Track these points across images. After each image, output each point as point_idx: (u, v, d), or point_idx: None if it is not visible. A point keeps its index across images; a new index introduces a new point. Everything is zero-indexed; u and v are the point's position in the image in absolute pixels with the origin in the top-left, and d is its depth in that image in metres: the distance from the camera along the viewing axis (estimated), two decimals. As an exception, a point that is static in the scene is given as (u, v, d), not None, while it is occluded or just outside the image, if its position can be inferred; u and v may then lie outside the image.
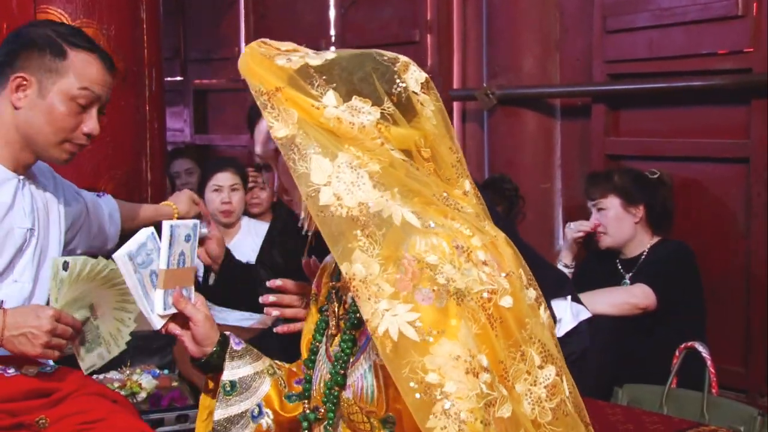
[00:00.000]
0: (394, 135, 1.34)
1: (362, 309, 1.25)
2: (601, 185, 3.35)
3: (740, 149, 3.42)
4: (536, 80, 4.12)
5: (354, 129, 1.32)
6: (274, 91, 1.35)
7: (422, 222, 1.28)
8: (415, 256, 1.25)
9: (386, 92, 1.35)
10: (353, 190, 1.29)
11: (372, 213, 1.28)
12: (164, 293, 1.52)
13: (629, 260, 3.33)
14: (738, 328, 3.44)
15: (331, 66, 1.36)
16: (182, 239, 1.54)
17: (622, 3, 3.79)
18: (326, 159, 1.30)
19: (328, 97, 1.33)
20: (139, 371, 2.94)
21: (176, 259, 1.53)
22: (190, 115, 6.30)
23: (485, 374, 1.22)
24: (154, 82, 3.24)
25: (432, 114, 1.39)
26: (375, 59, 1.38)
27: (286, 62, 1.37)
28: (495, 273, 1.29)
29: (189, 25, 6.25)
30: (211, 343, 1.54)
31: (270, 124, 1.34)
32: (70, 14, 3.01)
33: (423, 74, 1.41)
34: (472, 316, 1.24)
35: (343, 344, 1.40)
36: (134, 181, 3.19)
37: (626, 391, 2.85)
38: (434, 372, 1.20)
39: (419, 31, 4.67)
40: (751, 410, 2.59)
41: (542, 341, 1.30)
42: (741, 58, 3.39)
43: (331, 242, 1.28)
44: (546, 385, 1.29)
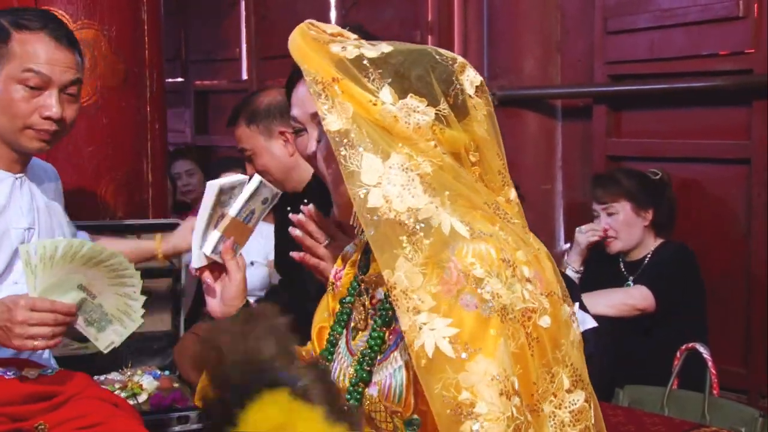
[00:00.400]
0: (446, 137, 1.31)
1: (401, 320, 1.22)
2: (611, 189, 3.31)
3: (741, 150, 3.42)
4: (537, 81, 4.12)
5: (409, 128, 1.29)
6: (331, 82, 1.30)
7: (471, 231, 1.25)
8: (461, 264, 1.22)
9: (443, 92, 1.31)
10: (403, 194, 1.25)
11: (420, 219, 1.24)
12: (220, 238, 1.52)
13: (633, 263, 3.32)
14: (739, 329, 3.44)
15: (387, 59, 1.32)
16: (261, 199, 1.56)
17: (623, 4, 3.79)
18: (378, 158, 1.26)
19: (384, 93, 1.29)
20: (140, 372, 2.94)
21: (246, 213, 1.54)
22: (191, 116, 6.31)
23: (516, 398, 1.19)
24: (155, 83, 3.24)
25: (483, 118, 1.36)
26: (433, 57, 1.35)
27: (341, 50, 1.33)
28: (537, 291, 1.26)
29: (190, 26, 6.26)
30: (235, 307, 1.53)
31: (322, 115, 1.29)
32: (71, 15, 3.01)
33: (479, 77, 1.38)
34: (512, 334, 1.21)
35: (371, 341, 1.37)
36: (135, 182, 3.19)
37: (627, 393, 2.85)
38: (467, 390, 1.17)
39: (420, 32, 4.67)
40: (752, 411, 2.59)
41: (574, 365, 1.28)
42: (742, 59, 3.39)
43: (375, 246, 1.25)
44: (572, 410, 1.26)
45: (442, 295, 1.21)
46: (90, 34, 3.03)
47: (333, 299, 1.55)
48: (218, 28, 6.00)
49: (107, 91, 3.08)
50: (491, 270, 1.22)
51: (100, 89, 3.07)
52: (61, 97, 1.94)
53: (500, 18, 4.21)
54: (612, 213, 3.30)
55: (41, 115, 1.92)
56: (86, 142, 3.06)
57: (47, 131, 1.95)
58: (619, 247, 3.32)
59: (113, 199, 3.13)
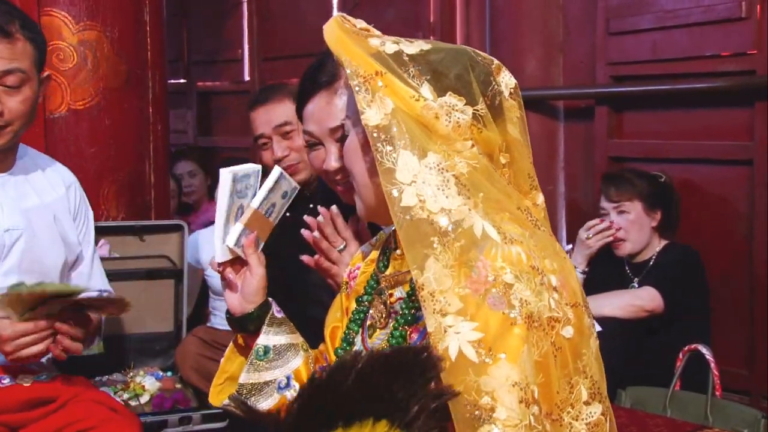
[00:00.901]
0: (483, 137, 1.31)
1: (427, 322, 1.22)
2: (624, 188, 3.30)
3: (743, 151, 3.42)
4: (539, 82, 4.11)
5: (449, 127, 1.28)
6: (374, 75, 1.28)
7: (502, 235, 1.24)
8: (491, 265, 1.21)
9: (481, 92, 1.31)
10: (437, 194, 1.24)
11: (453, 221, 1.24)
12: (242, 230, 1.48)
13: (638, 264, 3.31)
14: (741, 331, 3.43)
15: (426, 56, 1.31)
16: (281, 192, 1.53)
17: (626, 5, 3.79)
18: (414, 157, 1.25)
19: (425, 90, 1.28)
20: (142, 373, 2.95)
21: (267, 206, 1.52)
22: (194, 117, 6.31)
23: (535, 406, 1.19)
24: (158, 85, 3.25)
25: (517, 120, 1.37)
26: (472, 56, 1.34)
27: (380, 44, 1.32)
28: (563, 301, 1.26)
29: (192, 27, 6.25)
30: (254, 303, 1.51)
31: (361, 108, 1.27)
32: (73, 17, 3.01)
33: (513, 79, 1.38)
34: (536, 342, 1.21)
35: (392, 340, 1.37)
36: (137, 183, 3.19)
37: (630, 394, 2.84)
38: (488, 395, 1.17)
39: (422, 34, 4.67)
40: (755, 413, 2.59)
41: (594, 377, 1.28)
42: (744, 60, 3.38)
43: (406, 244, 1.24)
44: (588, 422, 1.26)
45: (470, 296, 1.21)
46: (92, 35, 3.04)
47: (347, 298, 1.54)
48: (220, 30, 6.00)
49: (109, 93, 3.09)
50: (521, 276, 1.22)
51: (103, 90, 3.07)
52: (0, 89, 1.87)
53: (502, 19, 4.21)
54: (623, 211, 3.29)
55: None
56: (88, 143, 3.07)
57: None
58: (628, 250, 3.30)
59: (115, 200, 3.14)
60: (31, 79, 1.93)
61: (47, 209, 2.04)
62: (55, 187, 2.10)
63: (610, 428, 1.31)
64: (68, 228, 2.09)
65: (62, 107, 3.03)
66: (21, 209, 1.97)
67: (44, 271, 2.00)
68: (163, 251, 3.15)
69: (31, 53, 1.93)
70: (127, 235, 3.09)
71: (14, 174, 2.01)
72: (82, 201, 2.17)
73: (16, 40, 1.89)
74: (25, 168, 2.05)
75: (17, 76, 1.90)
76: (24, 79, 1.91)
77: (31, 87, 1.94)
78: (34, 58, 1.94)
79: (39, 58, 1.97)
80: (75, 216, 2.13)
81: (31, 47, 1.93)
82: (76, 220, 2.13)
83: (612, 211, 3.33)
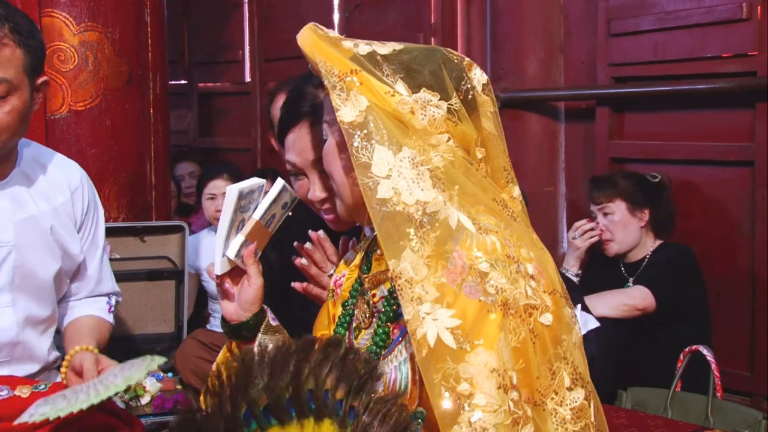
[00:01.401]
0: (458, 131, 1.33)
1: (404, 310, 1.23)
2: (607, 189, 3.35)
3: (744, 152, 3.42)
4: (540, 83, 4.11)
5: (424, 121, 1.31)
6: (348, 73, 1.32)
7: (477, 226, 1.26)
8: (466, 255, 1.23)
9: (454, 88, 1.34)
10: (413, 187, 1.27)
11: (428, 213, 1.26)
12: (243, 242, 1.50)
13: (632, 264, 3.33)
14: (743, 332, 3.43)
15: (399, 56, 1.34)
16: (281, 203, 1.55)
17: (627, 6, 3.79)
18: (389, 151, 1.28)
19: (400, 86, 1.31)
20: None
21: (268, 217, 1.53)
22: (195, 118, 6.31)
23: (514, 392, 1.20)
24: (159, 85, 3.25)
25: (491, 115, 1.39)
26: (444, 54, 1.38)
27: (353, 46, 1.35)
28: (540, 289, 1.27)
29: (193, 28, 6.25)
30: (251, 311, 1.53)
31: (336, 106, 1.30)
32: (74, 18, 3.02)
33: (485, 76, 1.41)
34: (513, 329, 1.22)
35: (376, 337, 1.38)
36: (138, 184, 3.19)
37: (630, 394, 2.84)
38: (466, 381, 1.18)
39: (423, 35, 4.67)
40: (756, 413, 2.59)
41: (575, 363, 1.29)
42: (745, 62, 3.38)
43: (382, 236, 1.26)
44: (572, 407, 1.27)
45: (447, 285, 1.22)
46: (93, 36, 3.04)
47: (333, 306, 1.55)
48: (221, 31, 6.00)
49: (110, 94, 3.09)
50: (496, 264, 1.24)
51: (104, 91, 3.08)
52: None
53: (503, 20, 4.21)
54: (608, 213, 3.33)
55: None
56: (89, 144, 3.07)
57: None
58: (615, 250, 3.33)
59: (116, 201, 3.14)
60: (18, 88, 1.79)
61: (43, 219, 1.96)
62: (58, 193, 2.01)
63: (596, 411, 1.32)
64: (68, 237, 2.01)
65: (63, 108, 3.03)
66: (12, 222, 1.90)
67: (38, 285, 1.95)
68: (164, 252, 3.15)
69: (21, 59, 1.79)
70: (128, 236, 3.10)
71: (9, 184, 1.92)
72: (90, 203, 2.08)
73: (3, 46, 1.76)
74: (25, 174, 1.96)
75: (1, 86, 1.77)
76: (10, 88, 1.78)
77: (19, 96, 1.80)
78: (25, 65, 1.81)
79: (32, 63, 1.83)
80: (81, 221, 2.05)
81: (22, 52, 1.80)
82: (83, 226, 2.06)
83: (598, 213, 3.37)
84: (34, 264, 1.93)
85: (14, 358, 1.94)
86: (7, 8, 1.81)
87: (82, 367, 1.78)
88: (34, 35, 1.84)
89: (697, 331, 3.10)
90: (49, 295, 2.00)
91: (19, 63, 1.79)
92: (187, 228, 3.23)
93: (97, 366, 1.79)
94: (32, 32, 1.83)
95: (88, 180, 2.10)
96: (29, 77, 1.83)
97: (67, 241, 2.00)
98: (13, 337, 1.92)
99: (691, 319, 3.15)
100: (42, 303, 1.98)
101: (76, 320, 2.08)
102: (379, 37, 1.41)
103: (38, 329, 1.99)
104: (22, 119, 1.83)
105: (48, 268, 1.96)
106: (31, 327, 1.96)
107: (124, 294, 2.39)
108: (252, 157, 5.54)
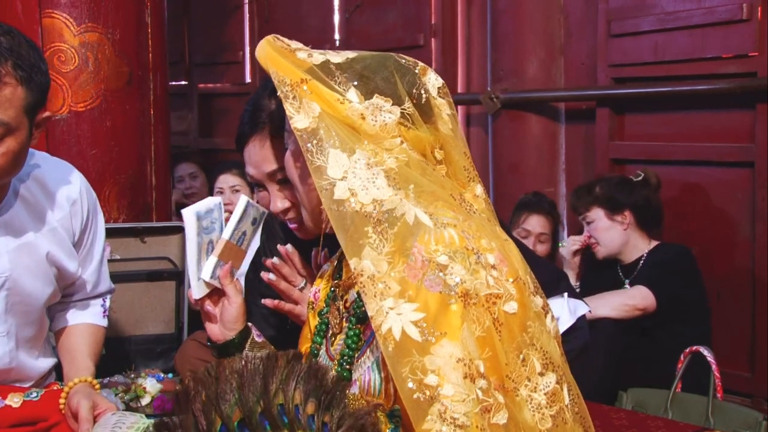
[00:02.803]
0: (412, 136, 1.35)
1: (368, 306, 1.25)
2: (584, 198, 3.42)
3: (745, 153, 3.42)
4: (540, 84, 4.12)
5: (376, 126, 1.33)
6: (299, 83, 1.35)
7: (434, 221, 1.28)
8: (425, 250, 1.25)
9: (407, 93, 1.36)
10: (368, 186, 1.29)
11: (385, 210, 1.28)
12: (216, 263, 1.52)
13: (628, 265, 3.35)
14: (743, 333, 3.43)
15: (352, 64, 1.38)
16: (250, 220, 1.56)
17: (627, 7, 3.79)
18: (344, 154, 1.31)
19: (351, 94, 1.34)
20: (143, 375, 2.94)
21: (238, 235, 1.54)
22: (195, 118, 6.31)
23: (481, 380, 1.22)
24: (159, 86, 3.25)
25: (448, 118, 1.41)
26: (396, 60, 1.41)
27: (307, 57, 1.39)
28: (502, 278, 1.29)
29: (194, 29, 6.26)
30: (235, 329, 1.56)
31: (290, 114, 1.34)
32: (75, 19, 3.01)
33: (440, 80, 1.43)
34: (476, 319, 1.24)
35: (348, 340, 1.40)
36: (138, 185, 3.19)
37: (631, 395, 2.84)
38: (433, 373, 1.20)
39: (423, 35, 4.68)
40: (756, 414, 2.59)
41: (544, 348, 1.30)
42: (746, 62, 3.39)
43: (342, 236, 1.29)
44: (546, 392, 1.29)
45: (408, 280, 1.24)
46: (94, 37, 3.04)
47: (313, 317, 1.57)
48: (222, 31, 6.01)
49: (111, 94, 3.09)
50: (455, 256, 1.25)
51: (104, 92, 3.07)
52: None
53: (503, 21, 4.21)
54: (590, 222, 3.40)
55: None
56: (90, 145, 3.07)
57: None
58: (603, 253, 3.39)
59: (116, 202, 3.14)
60: (15, 130, 1.66)
61: (40, 244, 1.89)
62: (57, 209, 1.93)
63: (570, 393, 1.33)
64: (65, 257, 1.95)
65: (63, 109, 3.03)
66: (7, 251, 1.85)
67: (30, 311, 1.91)
68: (165, 253, 3.15)
69: (21, 98, 1.66)
70: (128, 236, 3.09)
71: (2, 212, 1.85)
72: (90, 213, 2.01)
73: (4, 85, 1.64)
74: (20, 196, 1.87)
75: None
76: (6, 130, 1.66)
77: (16, 137, 1.67)
78: (25, 104, 1.68)
79: (34, 100, 1.70)
80: (80, 234, 2.00)
81: (24, 91, 1.66)
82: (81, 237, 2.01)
83: (583, 223, 3.45)
84: (27, 291, 1.89)
85: (8, 381, 1.92)
86: (12, 40, 1.68)
87: (78, 412, 1.77)
88: (39, 69, 1.71)
89: (697, 332, 3.10)
90: (41, 317, 1.98)
91: (19, 103, 1.67)
92: (188, 229, 3.22)
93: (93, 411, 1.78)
94: (37, 65, 1.70)
95: (87, 188, 2.02)
96: (29, 116, 1.71)
97: (64, 262, 1.95)
98: (6, 364, 1.90)
99: (691, 320, 3.16)
100: (34, 325, 1.95)
101: (72, 330, 2.06)
102: (380, 38, 1.42)
103: (31, 350, 1.97)
104: (17, 160, 1.72)
105: (41, 293, 1.92)
106: (25, 350, 1.94)
107: (125, 295, 2.39)
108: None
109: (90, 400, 1.79)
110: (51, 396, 1.85)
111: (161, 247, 3.16)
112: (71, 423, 1.80)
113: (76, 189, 1.97)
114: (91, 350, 2.05)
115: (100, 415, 1.78)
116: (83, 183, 2.01)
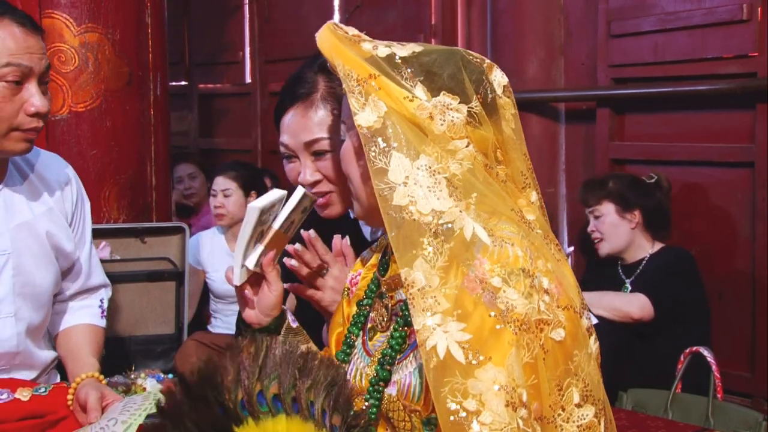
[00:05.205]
0: (477, 136, 1.31)
1: (414, 319, 1.22)
2: (596, 192, 3.38)
3: (745, 153, 3.42)
4: (540, 84, 4.12)
5: (444, 126, 1.29)
6: (367, 78, 1.30)
7: (492, 237, 1.24)
8: (479, 269, 1.21)
9: (474, 91, 1.32)
10: (429, 195, 1.25)
11: (444, 223, 1.24)
12: (262, 251, 1.51)
13: (630, 266, 3.34)
14: (743, 333, 3.43)
15: (418, 58, 1.32)
16: (301, 208, 1.55)
17: (627, 7, 3.79)
18: (407, 159, 1.26)
19: (418, 90, 1.29)
20: (143, 375, 2.94)
21: (287, 224, 1.53)
22: (195, 119, 6.31)
23: (523, 409, 1.18)
24: (159, 86, 3.25)
25: (511, 117, 1.37)
26: (463, 56, 1.35)
27: (372, 48, 1.33)
28: (554, 304, 1.25)
29: (194, 30, 6.26)
30: (272, 315, 1.54)
31: (354, 110, 1.29)
32: (75, 19, 3.02)
33: (505, 77, 1.38)
34: (526, 345, 1.20)
35: (392, 341, 1.37)
36: (138, 185, 3.19)
37: (631, 396, 2.84)
38: (474, 398, 1.17)
39: (423, 36, 4.68)
40: (756, 415, 2.58)
41: (586, 379, 1.26)
42: (746, 63, 3.39)
43: (396, 244, 1.25)
44: (580, 424, 1.25)
45: (459, 297, 1.21)
46: (94, 37, 3.04)
47: (348, 304, 1.54)
48: (222, 32, 6.01)
49: (111, 95, 3.09)
50: (509, 278, 1.22)
51: (104, 92, 3.08)
52: (40, 88, 1.74)
53: (503, 21, 4.21)
54: (598, 216, 3.36)
55: (27, 112, 1.73)
56: (90, 145, 3.07)
57: (35, 129, 1.75)
58: (606, 250, 3.36)
59: (116, 202, 3.14)
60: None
61: (38, 224, 1.92)
62: (51, 191, 1.97)
63: (606, 428, 1.29)
64: (63, 237, 1.97)
65: (63, 109, 3.03)
66: (8, 229, 1.86)
67: (37, 293, 1.92)
68: (165, 253, 3.15)
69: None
70: (129, 237, 3.10)
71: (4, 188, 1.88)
72: (78, 197, 2.05)
73: (41, 34, 1.75)
74: (18, 177, 1.91)
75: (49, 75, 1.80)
76: None
77: None
78: None
79: None
80: (72, 216, 2.03)
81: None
82: (73, 220, 2.03)
83: (590, 216, 3.40)
84: (32, 271, 1.91)
85: (13, 367, 1.93)
86: None
87: (87, 402, 1.78)
88: None
89: (697, 333, 3.10)
90: (47, 302, 1.98)
91: None
92: (188, 229, 3.23)
93: (102, 402, 1.78)
94: None
95: (74, 173, 2.06)
96: None
97: (62, 242, 1.97)
98: (14, 347, 1.90)
99: (691, 321, 3.16)
100: (41, 311, 1.96)
101: (72, 330, 2.07)
102: (380, 38, 1.41)
103: (37, 337, 1.98)
104: None
105: (46, 274, 1.94)
106: (31, 336, 1.94)
107: (125, 295, 2.39)
108: (252, 158, 5.54)
109: (98, 391, 1.80)
110: (59, 391, 1.86)
111: (161, 248, 3.16)
112: (80, 417, 1.80)
113: (65, 173, 2.02)
114: (93, 349, 2.05)
115: (108, 405, 1.78)
116: (70, 169, 2.05)
